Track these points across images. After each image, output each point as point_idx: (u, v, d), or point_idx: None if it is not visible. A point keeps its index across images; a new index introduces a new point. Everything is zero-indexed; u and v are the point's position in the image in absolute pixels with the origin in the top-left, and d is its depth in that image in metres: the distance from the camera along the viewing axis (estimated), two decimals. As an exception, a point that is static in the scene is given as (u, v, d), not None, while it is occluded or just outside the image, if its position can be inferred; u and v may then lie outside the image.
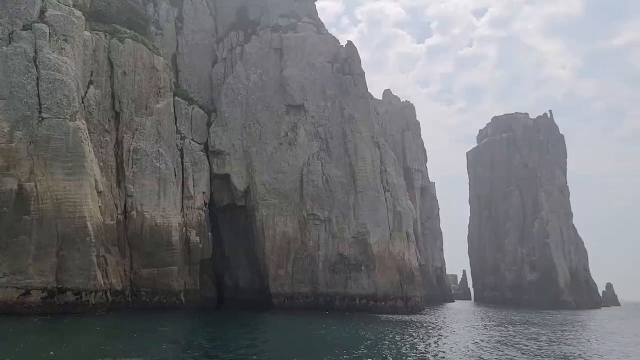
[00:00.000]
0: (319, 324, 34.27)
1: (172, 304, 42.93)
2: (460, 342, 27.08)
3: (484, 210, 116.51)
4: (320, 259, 50.43)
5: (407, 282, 51.45)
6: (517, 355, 22.77)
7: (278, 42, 55.12)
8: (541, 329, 39.22)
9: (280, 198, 51.54)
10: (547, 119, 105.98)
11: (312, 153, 52.53)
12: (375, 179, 52.07)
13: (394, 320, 40.19)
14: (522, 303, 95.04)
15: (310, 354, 21.54)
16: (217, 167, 52.64)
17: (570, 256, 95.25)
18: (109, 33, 45.70)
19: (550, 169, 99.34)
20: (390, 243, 51.35)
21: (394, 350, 22.55)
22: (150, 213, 44.07)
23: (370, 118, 53.55)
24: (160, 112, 47.98)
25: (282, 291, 49.78)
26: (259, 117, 53.45)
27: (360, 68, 54.80)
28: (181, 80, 55.84)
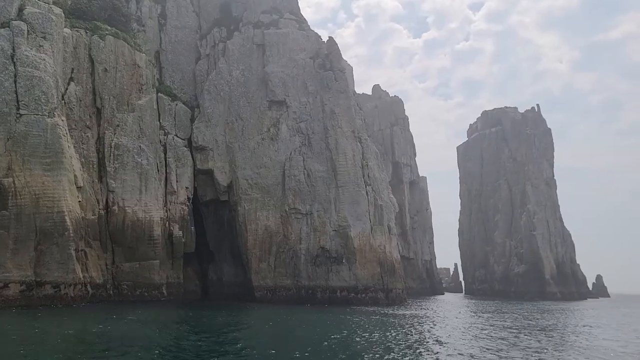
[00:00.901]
0: (292, 316, 35.05)
1: (154, 297, 43.71)
2: (419, 328, 27.87)
3: (473, 204, 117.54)
4: (302, 252, 51.16)
5: (388, 275, 52.28)
6: (463, 340, 23.55)
7: (260, 39, 55.66)
8: (504, 318, 40.08)
9: (263, 192, 52.23)
10: (535, 112, 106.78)
11: (294, 148, 53.17)
12: (356, 174, 52.74)
13: (369, 311, 41.00)
14: (510, 295, 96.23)
15: (275, 345, 22.28)
16: (201, 162, 53.29)
17: (557, 248, 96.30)
18: (90, 30, 46.20)
19: (537, 162, 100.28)
20: (371, 236, 52.10)
21: (360, 340, 23.33)
22: (132, 208, 44.76)
23: (351, 113, 54.15)
24: (142, 108, 48.58)
25: (265, 284, 50.53)
26: (242, 113, 54.06)
27: (341, 64, 55.45)
28: (165, 76, 56.39)
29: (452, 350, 20.64)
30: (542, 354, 20.18)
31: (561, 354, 20.73)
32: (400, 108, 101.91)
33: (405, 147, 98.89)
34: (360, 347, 20.52)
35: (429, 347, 21.40)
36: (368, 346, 20.81)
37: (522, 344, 23.06)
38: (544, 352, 20.97)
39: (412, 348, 20.80)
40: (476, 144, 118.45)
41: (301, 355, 17.81)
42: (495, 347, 21.66)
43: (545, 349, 21.74)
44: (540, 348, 22.00)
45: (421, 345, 21.77)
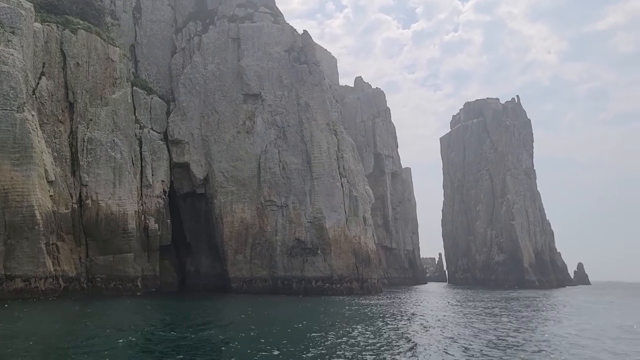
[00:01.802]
0: (261, 306, 35.77)
1: (128, 290, 44.18)
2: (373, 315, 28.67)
3: (456, 194, 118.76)
4: (278, 243, 51.85)
5: (363, 265, 53.10)
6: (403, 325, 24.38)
7: (235, 32, 55.89)
8: (463, 305, 41.09)
9: (239, 185, 52.75)
10: (514, 104, 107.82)
11: (270, 141, 53.67)
12: (331, 166, 53.35)
13: (336, 300, 41.81)
14: (490, 283, 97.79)
15: (233, 331, 22.93)
16: (177, 155, 53.65)
17: (536, 237, 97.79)
18: (61, 24, 46.20)
19: (516, 152, 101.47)
20: (346, 227, 52.83)
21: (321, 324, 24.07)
22: (106, 202, 45.08)
23: (326, 106, 54.66)
24: (116, 102, 48.73)
25: (241, 275, 51.23)
26: (217, 107, 54.39)
27: (315, 57, 55.86)
28: (140, 70, 56.53)
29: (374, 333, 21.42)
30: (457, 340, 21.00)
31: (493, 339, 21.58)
32: (382, 100, 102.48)
33: (387, 138, 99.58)
34: (310, 334, 21.24)
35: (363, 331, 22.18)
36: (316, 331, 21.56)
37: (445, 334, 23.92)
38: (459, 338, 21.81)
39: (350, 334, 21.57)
40: (459, 135, 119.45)
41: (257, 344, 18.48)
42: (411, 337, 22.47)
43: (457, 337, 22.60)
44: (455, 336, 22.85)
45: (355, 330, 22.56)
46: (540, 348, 19.09)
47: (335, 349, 17.58)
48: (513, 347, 19.08)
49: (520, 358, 16.84)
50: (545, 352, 18.26)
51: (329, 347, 17.94)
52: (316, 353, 16.76)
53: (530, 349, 18.76)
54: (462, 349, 18.43)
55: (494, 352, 17.67)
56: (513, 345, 19.55)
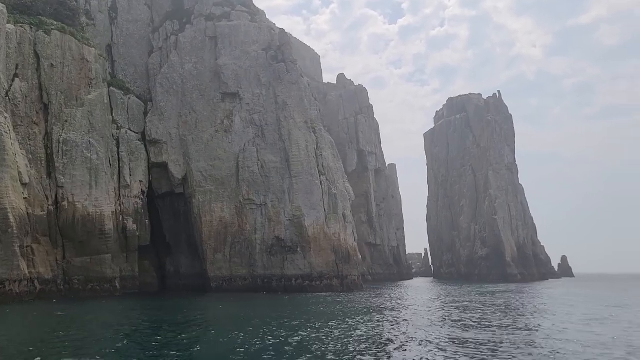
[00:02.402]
0: (238, 305, 35.95)
1: (106, 291, 44.12)
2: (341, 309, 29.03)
3: (440, 190, 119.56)
4: (257, 242, 52.03)
5: (343, 262, 53.41)
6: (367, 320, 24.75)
7: (212, 31, 55.84)
8: (434, 298, 41.65)
9: (217, 184, 52.80)
10: (496, 99, 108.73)
11: (248, 140, 53.76)
12: (309, 164, 53.57)
13: (314, 297, 42.13)
14: (474, 278, 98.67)
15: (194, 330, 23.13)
16: (155, 155, 53.56)
17: (518, 231, 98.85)
18: (35, 25, 45.89)
19: (498, 148, 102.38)
20: (325, 225, 53.11)
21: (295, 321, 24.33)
22: (82, 203, 44.95)
23: (304, 104, 54.83)
24: (92, 103, 48.55)
25: (220, 274, 51.33)
26: (195, 106, 54.36)
27: (292, 55, 55.96)
28: (117, 70, 56.29)
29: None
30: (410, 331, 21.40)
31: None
32: (365, 97, 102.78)
33: (370, 135, 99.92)
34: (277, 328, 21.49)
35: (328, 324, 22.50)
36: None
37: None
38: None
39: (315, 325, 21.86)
40: (442, 130, 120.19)
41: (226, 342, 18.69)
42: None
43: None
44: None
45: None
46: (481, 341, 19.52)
47: (300, 346, 17.86)
48: (469, 340, 19.48)
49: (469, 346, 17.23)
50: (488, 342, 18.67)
51: (293, 344, 18.22)
52: (280, 350, 17.02)
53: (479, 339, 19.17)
54: (424, 343, 18.80)
55: (448, 347, 18.05)
56: (469, 339, 19.96)
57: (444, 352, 16.83)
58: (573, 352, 17.06)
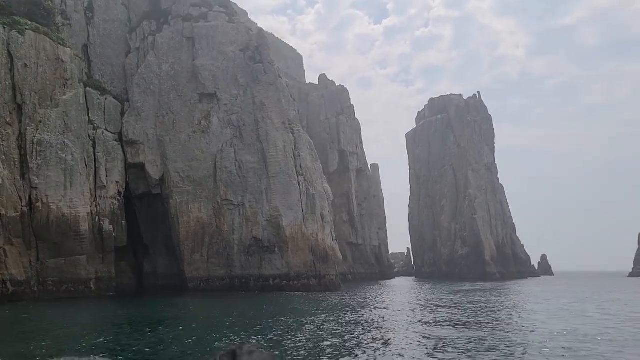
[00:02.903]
0: (212, 305, 36.10)
1: (81, 293, 43.90)
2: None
3: (422, 190, 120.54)
4: (235, 242, 52.17)
5: (320, 262, 53.76)
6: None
7: (190, 32, 55.81)
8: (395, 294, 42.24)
9: (195, 185, 52.81)
10: (476, 99, 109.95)
11: (226, 140, 53.84)
12: (287, 164, 53.83)
13: (289, 297, 42.44)
14: (454, 277, 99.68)
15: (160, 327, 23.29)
16: (132, 156, 53.37)
17: (497, 230, 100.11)
18: (8, 25, 45.44)
19: (477, 148, 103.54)
20: (303, 225, 53.42)
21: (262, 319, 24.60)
22: (57, 204, 44.66)
23: (282, 105, 55.06)
24: (67, 104, 48.23)
25: (198, 275, 51.36)
26: (172, 106, 54.28)
27: (270, 56, 56.14)
28: (94, 70, 55.99)
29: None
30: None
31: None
32: (346, 97, 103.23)
33: (351, 135, 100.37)
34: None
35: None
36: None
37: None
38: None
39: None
40: (424, 130, 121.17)
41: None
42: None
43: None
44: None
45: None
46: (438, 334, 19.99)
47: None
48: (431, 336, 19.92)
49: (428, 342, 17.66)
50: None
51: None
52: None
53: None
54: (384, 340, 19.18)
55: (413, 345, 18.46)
56: (432, 335, 20.41)
57: (388, 348, 17.23)
58: (521, 342, 17.59)
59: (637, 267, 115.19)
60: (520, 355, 16.07)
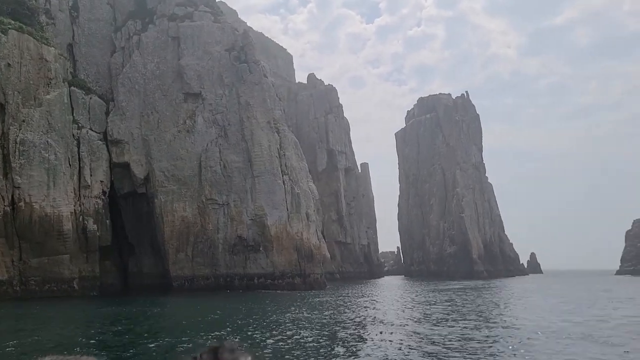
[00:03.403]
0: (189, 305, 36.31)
1: (64, 292, 43.95)
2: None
3: (411, 189, 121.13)
4: (220, 241, 52.37)
5: (305, 261, 54.10)
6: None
7: (175, 31, 55.89)
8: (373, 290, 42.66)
9: (179, 184, 52.94)
10: (464, 99, 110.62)
11: (211, 140, 54.00)
12: (272, 163, 54.09)
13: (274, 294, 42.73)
14: (442, 275, 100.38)
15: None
16: (117, 155, 53.41)
17: (485, 229, 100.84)
18: (-9, 25, 45.40)
19: (465, 147, 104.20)
20: (288, 224, 53.72)
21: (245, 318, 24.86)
22: (40, 203, 44.67)
23: (267, 104, 55.29)
24: (51, 103, 48.22)
25: (182, 274, 51.51)
26: (157, 106, 54.36)
27: (255, 56, 56.35)
28: (79, 69, 55.96)
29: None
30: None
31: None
32: (335, 97, 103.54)
33: (339, 134, 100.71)
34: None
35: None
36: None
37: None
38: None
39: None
40: (413, 130, 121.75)
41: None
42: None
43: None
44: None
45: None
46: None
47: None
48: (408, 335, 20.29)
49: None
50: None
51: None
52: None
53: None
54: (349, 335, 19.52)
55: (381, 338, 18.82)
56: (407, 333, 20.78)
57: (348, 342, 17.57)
58: (486, 336, 17.99)
59: (624, 266, 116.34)
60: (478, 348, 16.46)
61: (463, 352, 15.90)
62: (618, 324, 22.98)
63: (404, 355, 15.73)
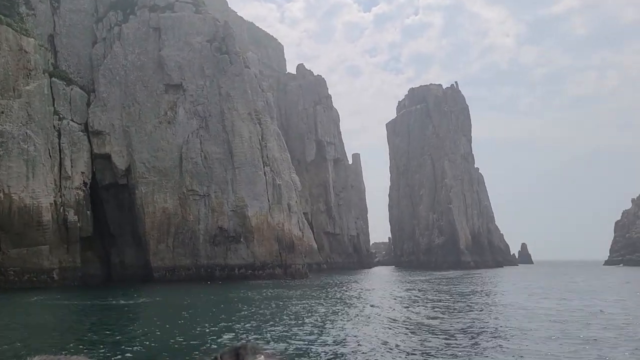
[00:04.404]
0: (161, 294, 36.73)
1: (43, 282, 44.33)
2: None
3: (401, 179, 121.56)
4: (201, 232, 52.71)
5: (286, 251, 54.55)
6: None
7: (156, 22, 55.82)
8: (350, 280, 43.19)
9: (160, 175, 53.16)
10: (454, 90, 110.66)
11: (192, 131, 54.15)
12: (253, 155, 54.32)
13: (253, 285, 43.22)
14: (431, 265, 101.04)
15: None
16: (98, 146, 53.58)
17: (473, 219, 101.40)
18: (-32, 16, 45.36)
19: (453, 138, 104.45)
20: (269, 215, 54.08)
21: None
22: (19, 195, 44.92)
23: (248, 95, 55.39)
24: (31, 94, 48.31)
25: (163, 265, 51.89)
26: (138, 97, 54.44)
27: (236, 47, 56.34)
28: (60, 60, 55.93)
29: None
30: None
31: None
32: (324, 87, 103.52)
33: (328, 125, 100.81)
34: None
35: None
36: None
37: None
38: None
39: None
40: (403, 120, 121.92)
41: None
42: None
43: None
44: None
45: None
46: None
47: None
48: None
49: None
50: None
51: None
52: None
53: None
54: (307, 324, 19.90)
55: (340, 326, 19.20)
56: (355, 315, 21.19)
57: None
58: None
59: (613, 256, 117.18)
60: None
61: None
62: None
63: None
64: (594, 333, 17.61)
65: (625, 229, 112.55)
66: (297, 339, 16.67)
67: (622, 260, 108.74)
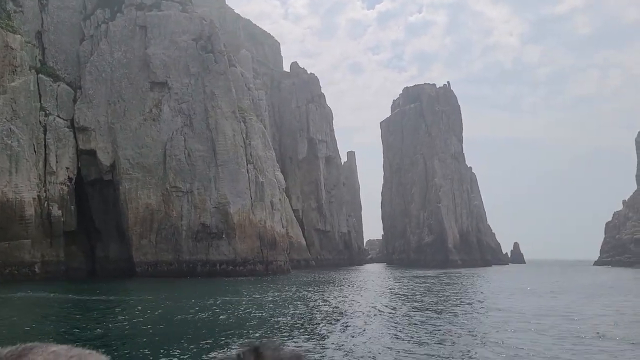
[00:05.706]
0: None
1: (24, 275, 45.20)
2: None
3: (394, 178, 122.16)
4: (183, 228, 53.51)
5: (268, 248, 55.36)
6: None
7: (142, 20, 56.48)
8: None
9: (144, 172, 53.94)
10: (446, 89, 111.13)
11: (176, 128, 54.88)
12: (236, 152, 55.04)
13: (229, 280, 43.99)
14: (420, 263, 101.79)
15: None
16: (83, 142, 54.37)
17: (462, 218, 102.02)
18: (-47, 12, 46.11)
19: (444, 137, 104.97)
20: (251, 212, 54.87)
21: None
22: (2, 189, 45.76)
23: (232, 94, 56.07)
24: (16, 90, 49.10)
25: (146, 260, 52.72)
26: (124, 94, 55.17)
27: (221, 46, 56.98)
28: (48, 57, 56.65)
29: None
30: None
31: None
32: (317, 86, 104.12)
33: (320, 123, 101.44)
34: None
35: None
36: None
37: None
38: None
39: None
40: (397, 119, 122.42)
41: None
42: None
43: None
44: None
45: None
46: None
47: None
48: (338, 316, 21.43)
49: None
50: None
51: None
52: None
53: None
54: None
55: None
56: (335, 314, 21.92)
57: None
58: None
59: (602, 257, 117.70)
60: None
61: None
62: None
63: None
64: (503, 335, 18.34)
65: (616, 230, 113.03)
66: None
67: (611, 261, 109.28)
